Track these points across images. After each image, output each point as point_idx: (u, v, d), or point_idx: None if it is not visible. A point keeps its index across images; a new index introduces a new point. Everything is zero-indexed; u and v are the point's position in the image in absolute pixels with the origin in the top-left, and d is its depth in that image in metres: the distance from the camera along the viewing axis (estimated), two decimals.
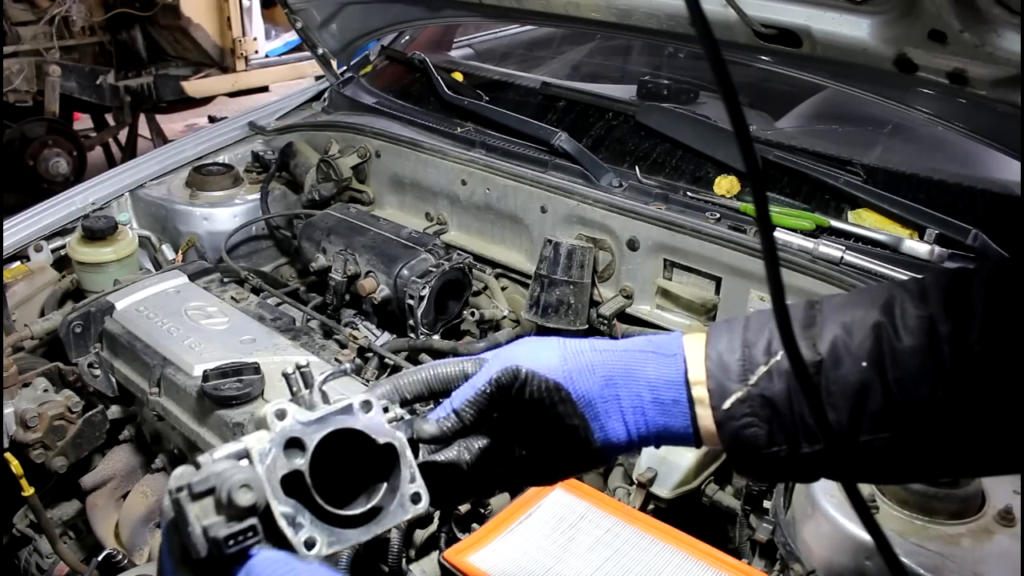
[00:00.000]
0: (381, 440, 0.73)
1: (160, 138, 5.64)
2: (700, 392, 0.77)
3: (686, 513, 1.44)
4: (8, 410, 1.61)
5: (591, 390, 0.78)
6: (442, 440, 0.80)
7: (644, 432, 0.79)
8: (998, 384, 0.68)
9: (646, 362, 0.79)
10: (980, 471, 0.86)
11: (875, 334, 0.71)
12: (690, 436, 0.78)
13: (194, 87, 5.46)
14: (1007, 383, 0.68)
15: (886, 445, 0.71)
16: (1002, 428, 0.69)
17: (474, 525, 1.32)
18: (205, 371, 1.50)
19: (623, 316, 1.85)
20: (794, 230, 1.64)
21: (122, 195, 2.29)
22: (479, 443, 0.82)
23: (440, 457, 0.81)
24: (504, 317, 1.96)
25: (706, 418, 0.77)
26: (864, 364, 0.71)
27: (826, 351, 0.72)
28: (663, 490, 1.43)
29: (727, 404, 0.75)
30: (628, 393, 0.78)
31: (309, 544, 0.67)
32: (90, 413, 1.70)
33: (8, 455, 1.57)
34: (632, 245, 1.81)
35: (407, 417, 0.78)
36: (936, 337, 0.69)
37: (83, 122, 6.00)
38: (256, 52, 5.55)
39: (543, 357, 0.79)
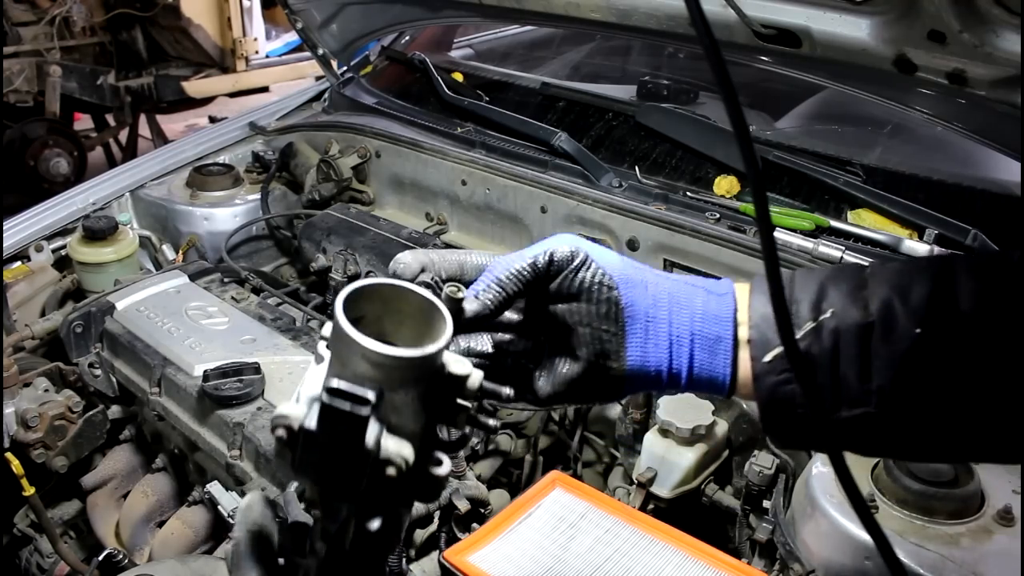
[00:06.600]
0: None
1: (160, 138, 5.64)
2: (743, 337, 0.73)
3: (686, 513, 1.44)
4: (9, 410, 1.61)
5: (641, 303, 0.74)
6: (485, 317, 0.72)
7: (681, 365, 0.74)
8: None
9: (695, 295, 0.75)
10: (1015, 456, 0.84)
11: (930, 301, 0.68)
12: (725, 381, 0.74)
13: (194, 87, 5.47)
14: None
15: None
16: None
17: (474, 525, 1.32)
18: (205, 371, 1.51)
19: None
20: (794, 230, 1.64)
21: (122, 195, 2.29)
22: (490, 342, 0.77)
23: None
24: None
25: (745, 365, 0.73)
26: (917, 331, 0.68)
27: (876, 311, 0.69)
28: (663, 490, 1.43)
29: (768, 357, 0.71)
30: (677, 319, 0.74)
31: None
32: (91, 413, 1.70)
33: (9, 455, 1.57)
34: (632, 245, 1.81)
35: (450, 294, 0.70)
36: (991, 310, 0.67)
37: (83, 122, 6.00)
38: (256, 52, 5.56)
39: (604, 252, 0.75)
